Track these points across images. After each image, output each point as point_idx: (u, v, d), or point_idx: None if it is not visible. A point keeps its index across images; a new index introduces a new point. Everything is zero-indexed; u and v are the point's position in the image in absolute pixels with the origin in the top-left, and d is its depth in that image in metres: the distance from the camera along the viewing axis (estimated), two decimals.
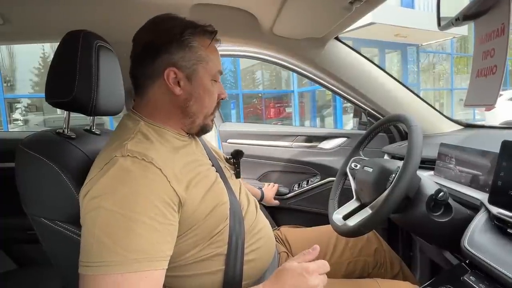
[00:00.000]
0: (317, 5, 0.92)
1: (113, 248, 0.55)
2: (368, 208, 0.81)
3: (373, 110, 1.39)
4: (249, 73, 10.78)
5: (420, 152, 0.73)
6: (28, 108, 7.93)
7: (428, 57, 12.18)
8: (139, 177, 0.60)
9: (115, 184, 0.59)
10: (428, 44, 11.23)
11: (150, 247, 0.57)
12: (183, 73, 0.72)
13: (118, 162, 0.61)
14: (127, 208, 0.57)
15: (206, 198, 0.69)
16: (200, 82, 0.74)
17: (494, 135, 1.13)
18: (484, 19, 0.59)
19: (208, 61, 0.74)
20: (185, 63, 0.72)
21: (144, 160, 0.61)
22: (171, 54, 0.71)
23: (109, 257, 0.54)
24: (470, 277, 0.61)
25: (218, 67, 0.77)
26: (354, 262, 1.01)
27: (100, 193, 0.58)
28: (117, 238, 0.55)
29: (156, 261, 0.57)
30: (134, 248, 0.55)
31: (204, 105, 0.76)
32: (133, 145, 0.64)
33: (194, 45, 0.72)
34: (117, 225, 0.56)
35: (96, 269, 0.54)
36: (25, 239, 1.35)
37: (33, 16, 1.05)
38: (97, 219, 0.57)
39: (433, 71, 12.68)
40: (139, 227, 0.57)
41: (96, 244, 0.55)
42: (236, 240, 0.74)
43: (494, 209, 0.67)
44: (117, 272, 0.54)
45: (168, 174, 0.63)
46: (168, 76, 0.71)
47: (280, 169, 1.70)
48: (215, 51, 0.77)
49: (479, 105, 0.61)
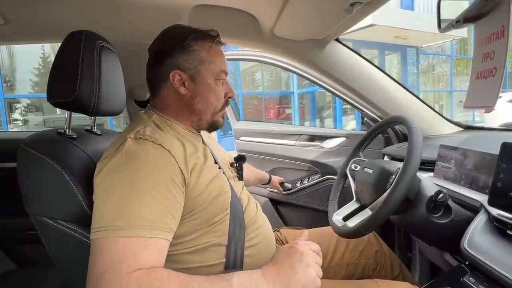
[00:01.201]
0: (317, 6, 0.93)
1: (122, 214, 0.59)
2: (368, 209, 0.81)
3: (372, 112, 1.39)
4: (249, 74, 10.79)
5: (420, 154, 0.73)
6: (27, 108, 7.92)
7: (428, 59, 12.20)
8: (149, 155, 0.66)
9: (127, 161, 0.65)
10: (427, 46, 11.24)
11: (155, 217, 0.61)
12: (187, 74, 0.79)
13: (130, 143, 0.67)
14: (137, 181, 0.62)
15: (210, 186, 0.74)
16: (204, 82, 0.80)
17: (493, 137, 1.14)
18: (484, 21, 0.59)
19: (211, 62, 0.80)
20: (189, 65, 0.79)
21: (154, 142, 0.68)
22: (176, 58, 0.78)
23: (116, 222, 0.59)
24: (470, 278, 0.61)
25: (221, 67, 0.82)
26: (355, 265, 1.01)
27: (113, 168, 0.65)
28: (126, 207, 0.60)
29: (160, 230, 0.61)
30: (141, 216, 0.60)
31: (209, 102, 0.81)
32: (146, 130, 0.71)
33: (196, 48, 0.79)
34: (127, 194, 0.61)
35: (104, 233, 0.58)
36: (25, 239, 1.35)
37: (35, 16, 1.05)
38: (110, 188, 0.63)
39: (433, 73, 12.70)
40: (147, 198, 0.61)
41: (107, 212, 0.60)
42: (235, 232, 0.77)
43: (494, 210, 0.67)
44: (121, 235, 0.58)
45: (176, 156, 0.68)
46: (173, 78, 0.78)
47: (285, 166, 1.80)
48: (219, 53, 0.83)
49: (479, 107, 0.61)
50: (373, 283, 0.87)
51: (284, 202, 1.77)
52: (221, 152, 0.97)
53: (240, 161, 0.97)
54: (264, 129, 1.98)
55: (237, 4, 1.04)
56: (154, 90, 0.83)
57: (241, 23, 1.12)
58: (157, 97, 0.83)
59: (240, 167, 0.97)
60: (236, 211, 0.79)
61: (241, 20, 1.11)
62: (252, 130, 2.01)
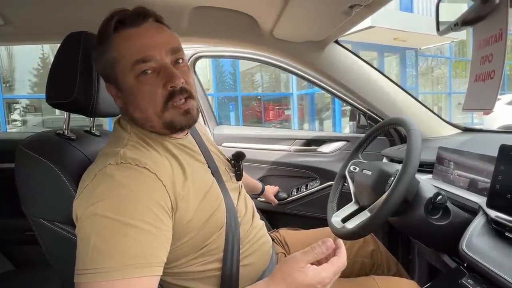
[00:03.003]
0: (317, 9, 0.93)
1: (110, 254, 0.53)
2: (367, 211, 0.81)
3: (372, 113, 1.39)
4: (248, 75, 10.80)
5: (419, 155, 0.73)
6: (26, 109, 7.92)
7: (427, 61, 12.24)
8: (134, 182, 0.58)
9: (110, 191, 0.57)
10: (426, 48, 11.29)
11: (147, 252, 0.55)
12: (112, 84, 0.69)
13: (112, 169, 0.59)
14: (123, 213, 0.55)
15: (201, 206, 0.67)
16: (124, 86, 0.67)
17: (492, 139, 1.14)
18: (482, 24, 0.60)
19: (119, 59, 0.65)
20: (107, 73, 0.68)
21: (138, 166, 0.60)
22: (97, 67, 0.72)
23: (105, 263, 0.53)
24: (468, 280, 0.61)
25: (135, 57, 0.64)
26: (352, 263, 1.02)
27: (95, 201, 0.57)
28: (114, 244, 0.54)
29: (153, 266, 0.56)
30: (131, 253, 0.54)
31: (141, 107, 0.67)
32: (127, 152, 0.63)
33: (105, 48, 0.66)
34: (114, 231, 0.54)
35: (92, 276, 0.52)
36: (23, 240, 1.35)
37: (34, 17, 1.05)
38: (93, 227, 0.55)
39: (432, 75, 12.74)
40: (136, 233, 0.55)
41: (92, 251, 0.54)
42: (232, 248, 0.73)
43: (492, 212, 0.67)
44: (112, 278, 0.52)
45: (163, 179, 0.61)
46: (110, 91, 0.71)
47: (278, 174, 1.68)
48: (127, 40, 0.65)
49: (477, 109, 0.61)
50: (370, 280, 0.87)
51: (279, 212, 1.61)
52: (215, 149, 0.90)
53: (238, 158, 0.90)
54: (251, 134, 1.81)
55: (237, 6, 1.04)
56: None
57: (240, 24, 1.12)
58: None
59: (239, 166, 0.90)
60: (232, 226, 0.73)
61: (241, 22, 1.11)
62: (236, 136, 1.83)
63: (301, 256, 0.57)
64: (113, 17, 0.65)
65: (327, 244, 0.57)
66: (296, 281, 0.54)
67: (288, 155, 1.67)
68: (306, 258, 0.56)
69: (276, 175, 1.69)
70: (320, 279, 0.54)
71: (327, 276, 0.55)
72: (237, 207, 0.79)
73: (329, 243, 0.57)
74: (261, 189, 1.41)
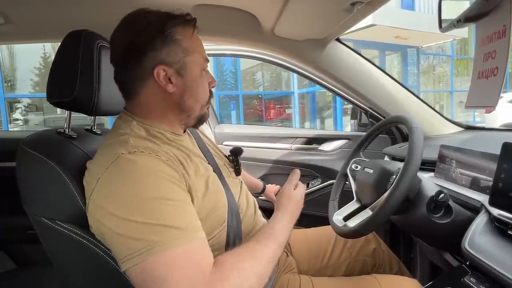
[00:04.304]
0: (318, 6, 0.92)
1: (160, 228, 0.55)
2: (369, 209, 0.81)
3: (374, 111, 1.39)
4: (250, 74, 10.80)
5: (421, 154, 0.73)
6: (28, 108, 7.94)
7: (428, 59, 12.20)
8: (153, 167, 0.60)
9: (134, 178, 0.58)
10: (428, 46, 11.25)
11: (190, 220, 0.59)
12: (173, 69, 0.69)
13: (127, 158, 0.60)
14: (155, 192, 0.58)
15: (204, 201, 0.69)
16: (191, 75, 0.72)
17: (494, 137, 1.13)
18: (485, 21, 0.59)
19: (194, 52, 0.72)
20: (173, 58, 0.69)
21: (151, 154, 0.62)
22: (157, 51, 0.67)
23: (160, 235, 0.54)
24: (471, 278, 0.61)
25: (204, 55, 0.75)
26: (353, 262, 1.02)
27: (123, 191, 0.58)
28: (159, 219, 0.55)
29: (199, 231, 0.60)
30: (179, 223, 0.57)
31: (198, 97, 0.75)
32: (136, 140, 0.65)
33: (179, 37, 0.69)
34: (153, 209, 0.56)
35: (150, 252, 0.53)
36: (25, 239, 1.35)
37: (35, 16, 1.05)
38: (129, 211, 0.56)
39: (433, 73, 12.70)
40: (174, 206, 0.58)
41: (138, 231, 0.55)
42: (233, 242, 0.74)
43: (495, 211, 0.67)
44: (174, 246, 0.54)
45: (175, 167, 0.64)
46: (158, 75, 0.68)
47: (279, 172, 1.68)
48: (198, 39, 0.75)
49: (480, 106, 0.61)
50: (372, 278, 0.87)
51: None
52: (213, 146, 0.92)
53: (236, 154, 0.92)
54: (252, 132, 1.83)
55: (237, 4, 1.04)
56: (130, 92, 0.72)
57: (241, 22, 1.12)
58: (135, 100, 0.72)
59: (237, 161, 0.92)
60: (234, 221, 0.75)
61: (242, 20, 1.10)
62: (237, 134, 1.85)
63: (288, 185, 0.83)
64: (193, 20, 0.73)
65: (297, 172, 0.86)
66: (293, 199, 0.81)
67: (289, 153, 1.67)
68: (292, 185, 0.83)
69: (277, 173, 1.69)
70: (301, 195, 0.84)
71: (303, 192, 0.86)
72: (239, 202, 0.80)
73: (298, 171, 0.86)
74: (262, 187, 1.41)
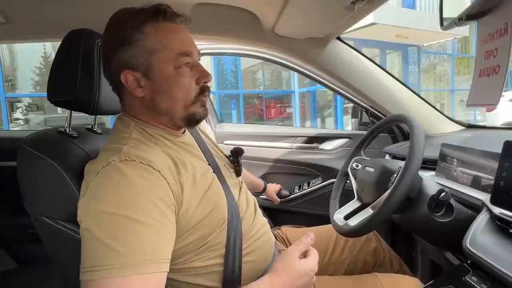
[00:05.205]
0: (319, 5, 0.92)
1: (121, 251, 0.53)
2: (370, 208, 0.81)
3: (374, 110, 1.39)
4: (250, 73, 10.80)
5: (422, 152, 0.73)
6: (29, 107, 7.95)
7: (429, 58, 12.19)
8: (139, 179, 0.59)
9: (115, 187, 0.58)
10: (429, 45, 11.24)
11: (155, 248, 0.56)
12: (140, 72, 0.67)
13: (116, 166, 0.60)
14: (130, 210, 0.56)
15: (203, 202, 0.68)
16: (160, 75, 0.67)
17: (495, 136, 1.13)
18: (487, 19, 0.59)
19: (163, 49, 0.67)
20: (138, 61, 0.66)
21: (142, 163, 0.61)
22: (120, 56, 0.66)
23: (117, 259, 0.53)
24: (472, 277, 0.61)
25: (178, 50, 0.68)
26: (354, 261, 1.02)
27: (101, 198, 0.57)
28: (124, 241, 0.54)
29: (160, 263, 0.56)
30: (141, 250, 0.54)
31: (174, 97, 0.69)
32: (130, 149, 0.63)
33: (140, 37, 0.66)
34: (123, 227, 0.55)
35: (102, 273, 0.52)
36: (26, 238, 1.36)
37: (35, 15, 1.05)
38: (101, 224, 0.55)
39: (434, 72, 12.69)
40: (145, 229, 0.56)
41: (101, 248, 0.54)
42: (233, 243, 0.73)
43: (496, 209, 0.66)
44: (121, 275, 0.52)
45: (167, 176, 0.62)
46: (126, 80, 0.67)
47: (280, 171, 1.67)
48: (172, 32, 0.68)
49: (482, 105, 0.61)
50: (373, 277, 0.87)
51: (282, 209, 1.61)
52: (213, 146, 0.90)
53: (237, 154, 0.90)
54: (253, 131, 1.82)
55: (238, 2, 1.04)
56: (117, 94, 0.73)
57: (242, 21, 1.12)
58: (123, 102, 0.73)
59: (238, 161, 0.90)
60: (234, 222, 0.74)
61: (242, 19, 1.10)
62: (238, 133, 1.84)
63: (295, 248, 0.68)
64: (157, 9, 0.67)
65: (311, 235, 0.70)
66: (295, 270, 0.65)
67: (290, 152, 1.67)
68: (299, 249, 0.68)
69: (278, 172, 1.69)
70: (312, 267, 0.66)
71: (315, 264, 0.67)
72: (238, 202, 0.80)
73: (312, 235, 0.70)
74: (263, 187, 1.41)
